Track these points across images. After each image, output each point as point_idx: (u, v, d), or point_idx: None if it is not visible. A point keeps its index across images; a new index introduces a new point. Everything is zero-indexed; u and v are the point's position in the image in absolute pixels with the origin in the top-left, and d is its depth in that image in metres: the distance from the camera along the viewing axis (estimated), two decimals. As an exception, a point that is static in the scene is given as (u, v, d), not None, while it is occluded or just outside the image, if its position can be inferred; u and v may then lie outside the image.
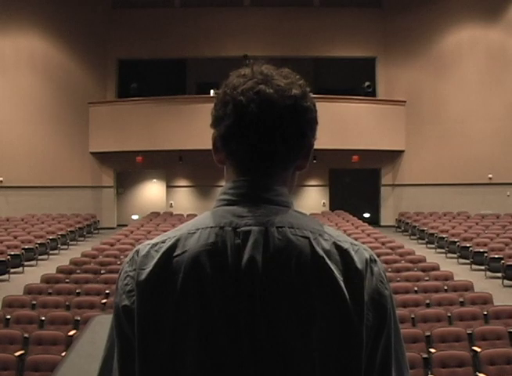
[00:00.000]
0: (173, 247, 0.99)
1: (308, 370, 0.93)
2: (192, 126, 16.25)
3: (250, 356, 0.93)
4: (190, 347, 0.94)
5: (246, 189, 1.04)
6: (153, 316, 0.96)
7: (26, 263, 11.74)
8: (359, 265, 0.98)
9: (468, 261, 11.92)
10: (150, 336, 0.96)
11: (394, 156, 17.87)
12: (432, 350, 5.88)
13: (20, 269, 11.43)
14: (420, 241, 14.94)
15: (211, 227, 0.99)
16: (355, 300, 0.96)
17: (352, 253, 0.99)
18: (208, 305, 0.94)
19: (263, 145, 1.02)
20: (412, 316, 6.92)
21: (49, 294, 8.11)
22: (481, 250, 11.62)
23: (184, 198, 18.68)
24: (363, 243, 1.34)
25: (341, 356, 0.94)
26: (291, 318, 0.94)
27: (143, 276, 0.99)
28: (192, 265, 0.96)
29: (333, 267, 0.96)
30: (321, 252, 0.97)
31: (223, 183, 1.09)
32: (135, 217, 18.32)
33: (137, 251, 1.03)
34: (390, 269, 9.15)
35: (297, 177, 1.12)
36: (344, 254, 0.98)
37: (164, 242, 1.01)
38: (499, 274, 10.50)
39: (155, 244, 1.02)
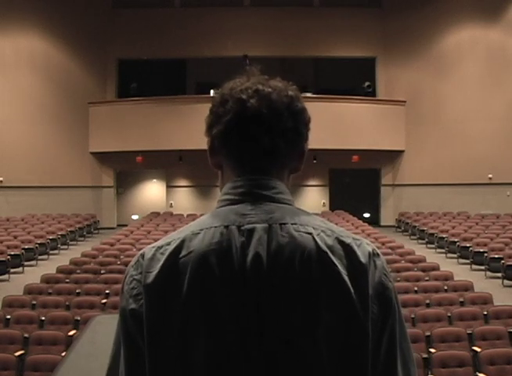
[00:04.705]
0: (178, 248, 0.99)
1: (317, 363, 0.94)
2: (192, 126, 16.13)
3: (259, 353, 0.94)
4: (199, 346, 0.95)
5: (247, 187, 1.04)
6: (162, 318, 0.96)
7: (26, 263, 11.73)
8: (363, 259, 1.00)
9: (468, 261, 11.92)
10: (160, 338, 0.96)
11: (394, 156, 17.86)
12: (432, 350, 5.88)
13: (20, 269, 11.42)
14: (420, 241, 14.93)
15: (215, 227, 1.00)
16: (360, 293, 0.97)
17: (355, 247, 1.00)
18: (215, 304, 0.95)
19: (264, 138, 1.03)
20: (413, 316, 6.91)
21: (49, 294, 8.10)
22: (481, 250, 11.61)
23: (184, 198, 18.68)
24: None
25: (348, 348, 0.95)
26: (297, 313, 0.95)
27: (150, 278, 0.99)
28: (198, 265, 0.97)
29: (336, 262, 0.97)
30: (324, 247, 0.98)
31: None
32: (135, 217, 18.31)
33: (142, 255, 1.03)
34: (390, 269, 9.13)
35: (291, 180, 1.14)
36: (347, 249, 1.00)
37: (168, 244, 1.01)
38: (499, 274, 10.50)
39: (160, 247, 1.02)
